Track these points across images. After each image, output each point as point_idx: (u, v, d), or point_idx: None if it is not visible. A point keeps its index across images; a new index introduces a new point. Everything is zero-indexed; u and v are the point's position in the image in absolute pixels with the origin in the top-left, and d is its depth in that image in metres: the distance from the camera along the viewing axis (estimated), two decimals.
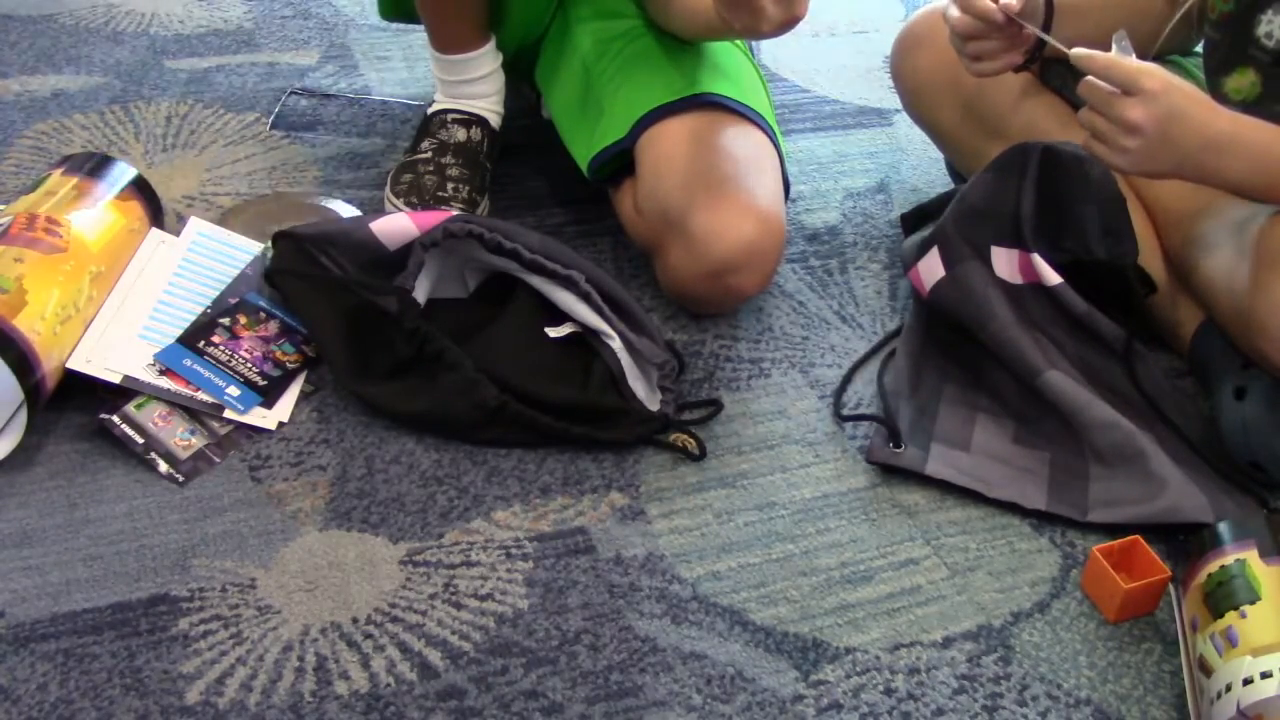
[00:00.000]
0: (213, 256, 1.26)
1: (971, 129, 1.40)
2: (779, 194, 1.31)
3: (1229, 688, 0.87)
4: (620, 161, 1.36)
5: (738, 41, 1.45)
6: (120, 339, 1.15)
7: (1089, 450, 1.16)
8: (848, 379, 1.27)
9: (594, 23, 1.43)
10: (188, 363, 1.15)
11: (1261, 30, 1.17)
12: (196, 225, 1.28)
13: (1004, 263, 1.24)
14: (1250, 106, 1.17)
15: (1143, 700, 0.98)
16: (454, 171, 1.40)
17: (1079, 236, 1.22)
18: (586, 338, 1.21)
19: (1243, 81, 1.20)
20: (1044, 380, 1.18)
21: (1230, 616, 0.91)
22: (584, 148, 1.39)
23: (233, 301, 1.22)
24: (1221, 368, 1.22)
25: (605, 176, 1.40)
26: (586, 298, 1.18)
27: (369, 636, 0.97)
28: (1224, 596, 0.93)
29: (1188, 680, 0.95)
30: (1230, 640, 0.90)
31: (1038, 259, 1.22)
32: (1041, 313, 1.23)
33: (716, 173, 1.27)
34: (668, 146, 1.30)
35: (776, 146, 1.35)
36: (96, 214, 1.19)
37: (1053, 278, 1.22)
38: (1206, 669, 0.91)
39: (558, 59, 1.46)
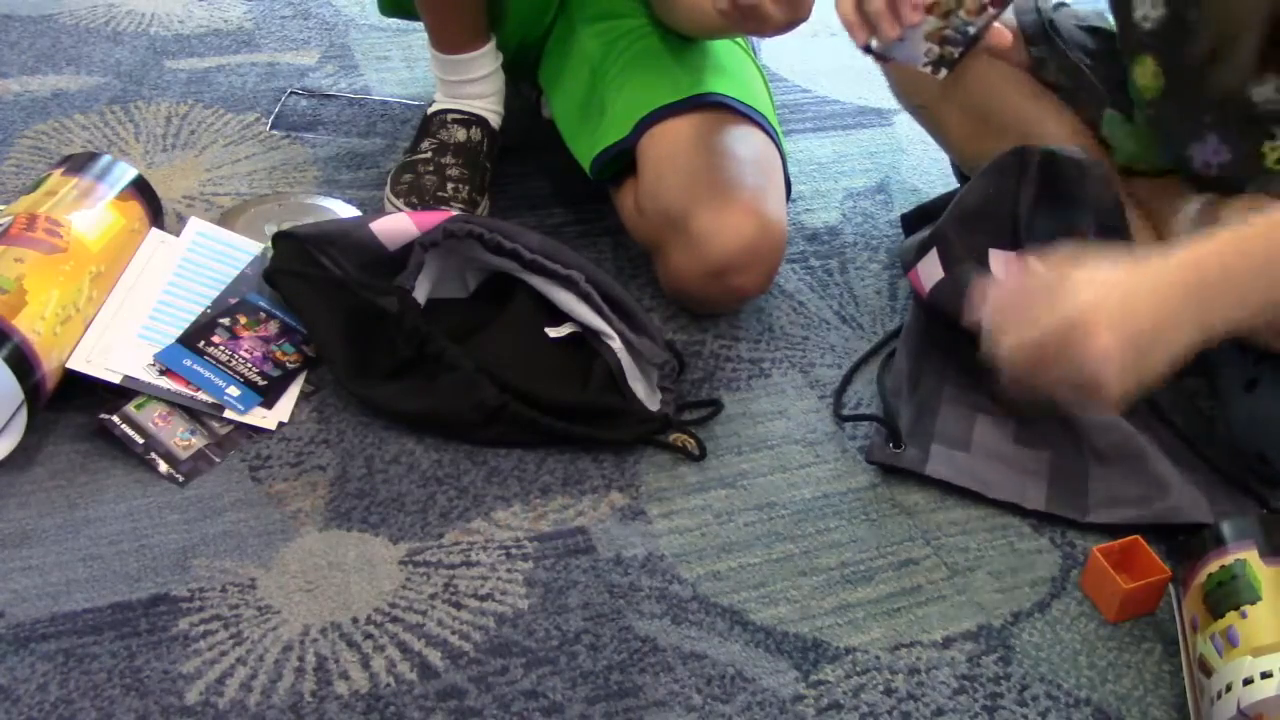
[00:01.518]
0: (213, 256, 1.26)
1: (974, 130, 1.39)
2: (781, 195, 1.31)
3: (1229, 688, 0.87)
4: (622, 161, 1.36)
5: (740, 41, 1.45)
6: (120, 339, 1.15)
7: (1089, 450, 1.16)
8: (848, 379, 1.27)
9: (598, 24, 1.43)
10: (188, 363, 1.15)
11: (1138, 14, 1.14)
12: (196, 225, 1.28)
13: (1002, 266, 1.24)
14: (1159, 104, 1.13)
15: (1143, 700, 0.98)
16: (454, 171, 1.40)
17: (1076, 241, 1.22)
18: (586, 338, 1.21)
19: (1145, 73, 1.15)
20: None
21: (1231, 616, 0.91)
22: (586, 147, 1.39)
23: (233, 301, 1.22)
24: (1230, 361, 1.21)
25: (607, 176, 1.40)
26: (586, 298, 1.18)
27: (369, 636, 0.97)
28: (1224, 596, 0.93)
29: (1188, 680, 0.95)
30: (1230, 640, 0.90)
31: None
32: None
33: (718, 173, 1.27)
34: (670, 146, 1.30)
35: (778, 147, 1.35)
36: (96, 214, 1.19)
37: None
38: (1207, 669, 0.91)
39: (562, 60, 1.46)
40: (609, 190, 1.43)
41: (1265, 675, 0.86)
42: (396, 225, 1.21)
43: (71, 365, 1.11)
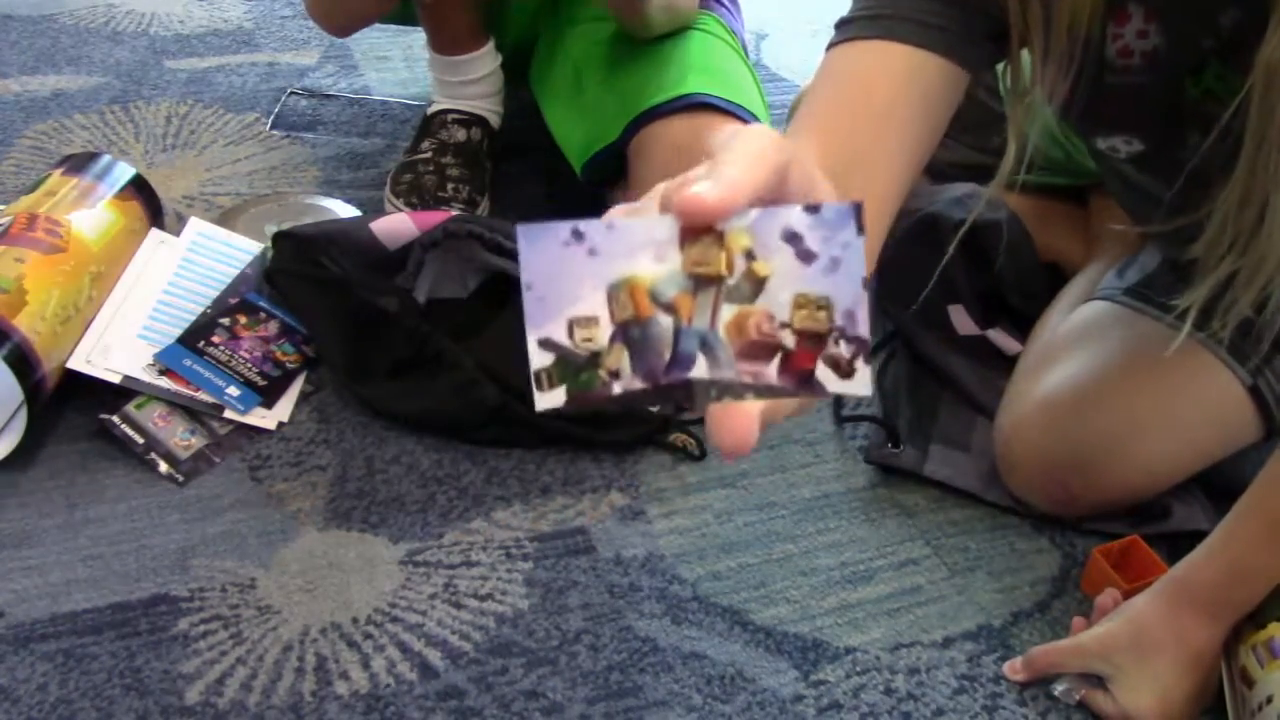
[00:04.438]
0: (213, 256, 1.26)
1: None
2: None
3: (1270, 699, 0.86)
4: (615, 163, 1.36)
5: (729, 40, 1.45)
6: (120, 339, 1.15)
7: None
8: None
9: (585, 25, 1.43)
10: (188, 363, 1.15)
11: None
12: (196, 225, 1.28)
13: (962, 319, 1.27)
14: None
15: None
16: (454, 171, 1.40)
17: (999, 285, 1.28)
18: None
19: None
20: None
21: (1273, 627, 0.89)
22: (577, 150, 1.39)
23: (233, 301, 1.22)
24: None
25: (598, 179, 1.40)
26: None
27: (369, 636, 0.97)
28: (1266, 606, 0.91)
29: (1228, 692, 0.92)
30: (1272, 651, 0.88)
31: (993, 334, 1.27)
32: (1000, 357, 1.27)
33: None
34: (660, 149, 1.30)
35: None
36: (96, 214, 1.19)
37: (1013, 347, 1.25)
38: (1248, 680, 0.89)
39: (549, 63, 1.46)
40: (604, 191, 1.43)
41: None
42: (396, 225, 1.21)
43: (71, 365, 1.11)
